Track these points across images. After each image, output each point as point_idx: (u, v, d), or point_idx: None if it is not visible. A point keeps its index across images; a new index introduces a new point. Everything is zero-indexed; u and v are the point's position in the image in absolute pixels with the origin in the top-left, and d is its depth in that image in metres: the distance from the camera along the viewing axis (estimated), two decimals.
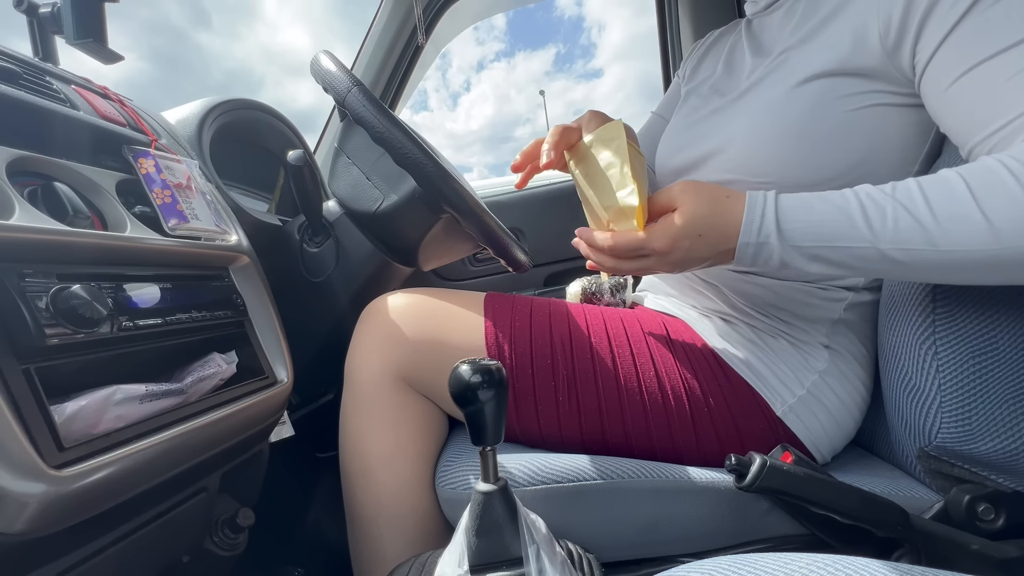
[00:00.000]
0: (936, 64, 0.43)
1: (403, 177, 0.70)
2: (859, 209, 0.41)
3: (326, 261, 0.77)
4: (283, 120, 0.93)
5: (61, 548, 0.37)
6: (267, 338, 0.58)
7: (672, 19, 1.36)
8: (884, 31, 0.46)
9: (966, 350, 0.45)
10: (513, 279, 1.38)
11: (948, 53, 0.42)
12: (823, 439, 0.55)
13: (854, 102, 0.50)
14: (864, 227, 0.40)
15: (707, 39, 0.78)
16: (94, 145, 0.51)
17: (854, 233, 0.41)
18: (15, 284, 0.34)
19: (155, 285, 0.45)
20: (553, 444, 0.57)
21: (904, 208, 0.39)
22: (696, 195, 0.45)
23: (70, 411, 0.36)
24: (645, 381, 0.55)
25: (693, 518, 0.50)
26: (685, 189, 0.46)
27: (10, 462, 0.30)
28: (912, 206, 0.39)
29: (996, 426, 0.45)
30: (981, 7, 0.40)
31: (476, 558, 0.37)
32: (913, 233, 0.39)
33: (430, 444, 0.58)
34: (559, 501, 0.49)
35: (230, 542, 0.55)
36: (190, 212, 0.54)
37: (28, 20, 0.65)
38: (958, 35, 0.41)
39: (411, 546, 0.56)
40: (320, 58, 0.66)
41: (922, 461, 0.51)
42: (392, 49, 1.23)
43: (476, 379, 0.36)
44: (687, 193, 0.45)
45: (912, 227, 0.39)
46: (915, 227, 0.39)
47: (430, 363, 0.57)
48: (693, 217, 0.45)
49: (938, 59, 0.43)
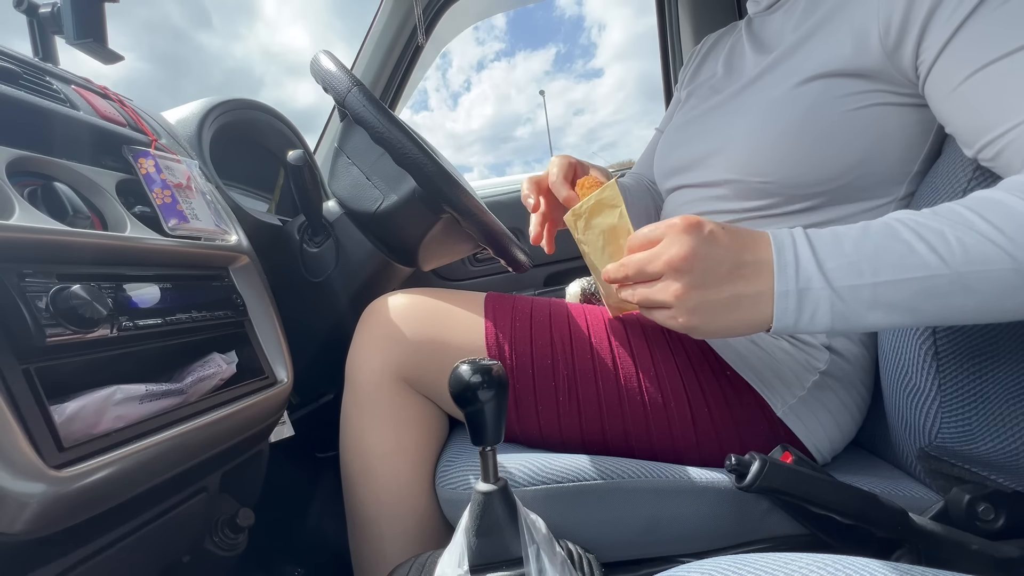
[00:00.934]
0: (942, 65, 0.42)
1: (403, 177, 0.70)
2: (912, 234, 0.35)
3: (326, 261, 0.77)
4: (283, 120, 0.93)
5: (61, 548, 0.37)
6: (267, 338, 0.58)
7: (672, 19, 1.36)
8: (884, 32, 0.46)
9: (966, 350, 0.45)
10: (513, 279, 1.38)
11: (954, 54, 0.41)
12: (823, 439, 0.55)
13: (854, 101, 0.50)
14: (927, 252, 0.34)
15: (706, 42, 0.78)
16: (94, 145, 0.51)
17: (918, 261, 0.34)
18: (15, 284, 0.34)
19: (155, 285, 0.45)
20: (553, 444, 0.57)
21: (964, 227, 0.34)
22: (721, 223, 0.40)
23: (70, 411, 0.36)
24: (645, 381, 0.55)
25: (693, 518, 0.50)
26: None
27: (10, 462, 0.30)
28: (971, 224, 0.34)
29: (996, 426, 0.44)
30: (986, 8, 0.40)
31: (476, 558, 0.37)
32: (986, 250, 0.33)
33: (430, 444, 0.58)
34: (559, 501, 0.49)
35: (230, 542, 0.55)
36: (190, 212, 0.54)
37: (28, 20, 0.65)
38: (964, 36, 0.41)
39: (411, 546, 0.56)
40: (320, 58, 0.66)
41: (922, 461, 0.51)
42: (392, 49, 1.23)
43: (476, 379, 0.36)
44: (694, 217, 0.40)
45: (982, 244, 0.33)
46: (986, 243, 0.33)
47: (430, 363, 0.57)
48: (718, 230, 0.39)
49: (944, 60, 0.42)
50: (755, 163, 0.54)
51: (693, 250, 0.38)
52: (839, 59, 0.49)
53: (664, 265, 0.39)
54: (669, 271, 0.39)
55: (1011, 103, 0.38)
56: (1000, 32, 0.39)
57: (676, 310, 0.39)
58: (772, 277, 0.37)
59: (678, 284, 0.38)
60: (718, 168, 0.58)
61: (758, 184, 0.55)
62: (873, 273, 0.35)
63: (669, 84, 1.42)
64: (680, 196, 0.66)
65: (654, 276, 0.40)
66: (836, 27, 0.51)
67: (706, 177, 0.60)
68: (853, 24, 0.49)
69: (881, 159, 0.51)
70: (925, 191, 0.50)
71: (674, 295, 0.38)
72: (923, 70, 0.45)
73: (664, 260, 0.39)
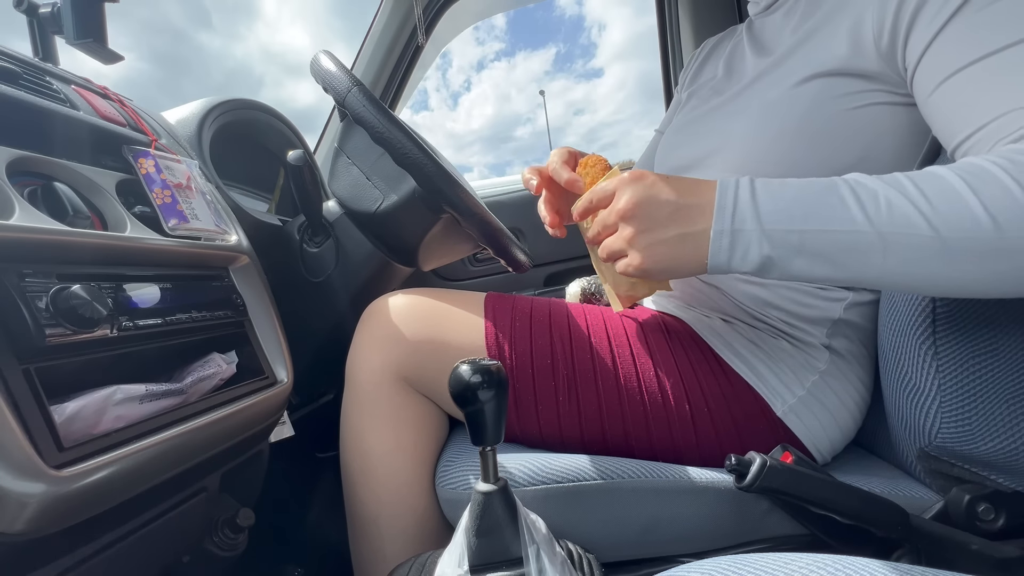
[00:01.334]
0: (923, 68, 0.44)
1: (403, 177, 0.70)
2: (849, 191, 0.37)
3: (326, 261, 0.77)
4: (283, 120, 0.93)
5: (61, 548, 0.37)
6: (267, 338, 0.58)
7: (672, 19, 1.36)
8: (877, 34, 0.47)
9: (966, 350, 0.45)
10: (513, 279, 1.38)
11: (933, 58, 0.42)
12: (823, 439, 0.55)
13: (852, 101, 0.50)
14: (857, 209, 0.37)
15: (706, 45, 0.78)
16: (94, 145, 0.51)
17: (846, 215, 0.37)
18: (15, 284, 0.34)
19: (155, 285, 0.45)
20: (553, 444, 0.57)
21: (898, 192, 0.37)
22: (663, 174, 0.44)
23: (70, 411, 0.36)
24: (645, 381, 0.55)
25: (693, 518, 0.50)
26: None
27: (10, 462, 0.30)
28: (905, 191, 0.36)
29: (996, 426, 0.44)
30: (965, 13, 0.40)
31: (476, 558, 0.37)
32: (911, 217, 0.36)
33: (430, 444, 0.58)
34: (559, 501, 0.49)
35: (230, 542, 0.55)
36: (190, 212, 0.54)
37: (28, 20, 0.65)
38: (942, 40, 0.41)
39: (411, 546, 0.56)
40: (320, 58, 0.66)
41: (922, 461, 0.51)
42: (392, 49, 1.23)
43: (476, 379, 0.36)
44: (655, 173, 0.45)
45: (909, 211, 0.36)
46: (912, 211, 0.36)
47: (430, 363, 0.57)
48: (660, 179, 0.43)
49: (924, 63, 0.43)
50: (754, 163, 0.55)
51: (637, 197, 0.42)
52: (837, 60, 0.50)
53: (616, 215, 0.43)
54: (621, 220, 0.43)
55: (978, 107, 0.39)
56: (975, 37, 0.40)
57: (630, 254, 0.44)
58: (712, 217, 0.40)
59: (629, 229, 0.43)
60: (717, 168, 0.58)
61: None
62: (803, 220, 0.38)
63: (669, 84, 1.42)
64: None
65: (613, 227, 0.45)
66: (834, 28, 0.51)
67: (705, 176, 0.60)
68: (850, 26, 0.49)
69: (880, 158, 0.51)
70: None
71: (626, 240, 0.43)
72: (909, 72, 0.45)
73: (616, 210, 0.43)
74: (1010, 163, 0.35)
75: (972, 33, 0.40)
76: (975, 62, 0.39)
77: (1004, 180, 0.34)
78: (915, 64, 0.44)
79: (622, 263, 0.45)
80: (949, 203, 0.35)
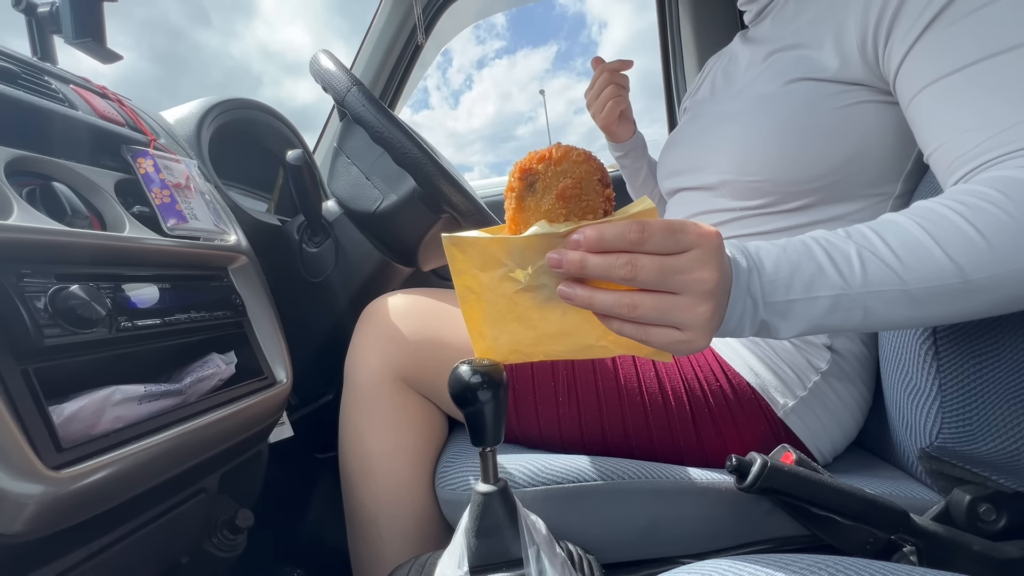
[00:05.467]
0: (899, 80, 0.45)
1: (403, 177, 0.69)
2: (825, 255, 0.37)
3: (325, 261, 0.77)
4: (282, 120, 0.93)
5: (60, 549, 0.37)
6: (266, 338, 0.58)
7: (672, 16, 1.36)
8: (861, 44, 0.48)
9: (966, 350, 0.45)
10: None
11: (906, 71, 0.44)
12: (824, 440, 0.55)
13: (844, 99, 0.51)
14: (834, 273, 0.36)
15: (707, 64, 0.80)
16: (93, 145, 0.51)
17: (825, 281, 0.36)
18: (14, 284, 0.34)
19: (154, 285, 0.45)
20: (553, 445, 0.57)
21: (868, 251, 0.37)
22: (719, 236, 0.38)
23: (69, 412, 0.36)
24: (645, 381, 0.55)
25: (694, 519, 0.50)
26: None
27: (9, 463, 0.30)
28: (875, 249, 0.37)
29: (997, 426, 0.44)
30: (935, 28, 0.42)
31: (476, 559, 0.37)
32: (883, 275, 0.36)
33: (430, 445, 0.58)
34: (559, 502, 0.49)
35: (229, 543, 0.55)
36: (189, 212, 0.54)
37: (27, 20, 0.65)
38: (914, 55, 0.43)
39: (411, 547, 0.55)
40: (319, 57, 0.65)
41: (923, 462, 0.51)
42: (392, 48, 1.23)
43: (476, 379, 0.36)
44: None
45: (881, 269, 0.36)
46: (884, 269, 0.36)
47: (430, 363, 0.57)
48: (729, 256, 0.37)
49: (900, 76, 0.45)
50: (747, 162, 0.55)
51: (723, 272, 0.34)
52: (827, 72, 0.51)
53: (697, 284, 0.33)
54: (701, 291, 0.33)
55: (940, 124, 0.41)
56: (943, 53, 0.41)
57: (694, 332, 0.34)
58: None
59: (707, 307, 0.33)
60: (714, 169, 0.59)
61: (752, 183, 0.55)
62: (786, 291, 0.36)
63: (669, 83, 1.42)
64: (680, 198, 0.67)
65: (675, 290, 0.33)
66: (820, 39, 0.52)
67: (703, 179, 0.61)
68: (835, 36, 0.50)
69: (872, 156, 0.51)
70: (924, 190, 0.50)
71: (701, 317, 0.33)
72: (890, 81, 0.47)
73: (700, 278, 0.33)
74: (965, 207, 0.36)
75: (945, 46, 0.41)
76: (946, 76, 0.41)
77: (963, 227, 0.35)
78: (894, 74, 0.46)
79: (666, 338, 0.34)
80: (916, 257, 0.36)
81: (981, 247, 0.35)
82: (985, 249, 0.35)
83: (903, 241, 0.37)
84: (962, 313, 0.37)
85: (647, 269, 0.32)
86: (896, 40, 0.45)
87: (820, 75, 0.51)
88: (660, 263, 0.33)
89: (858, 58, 0.49)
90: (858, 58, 0.49)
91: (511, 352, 0.39)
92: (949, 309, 0.36)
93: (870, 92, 0.50)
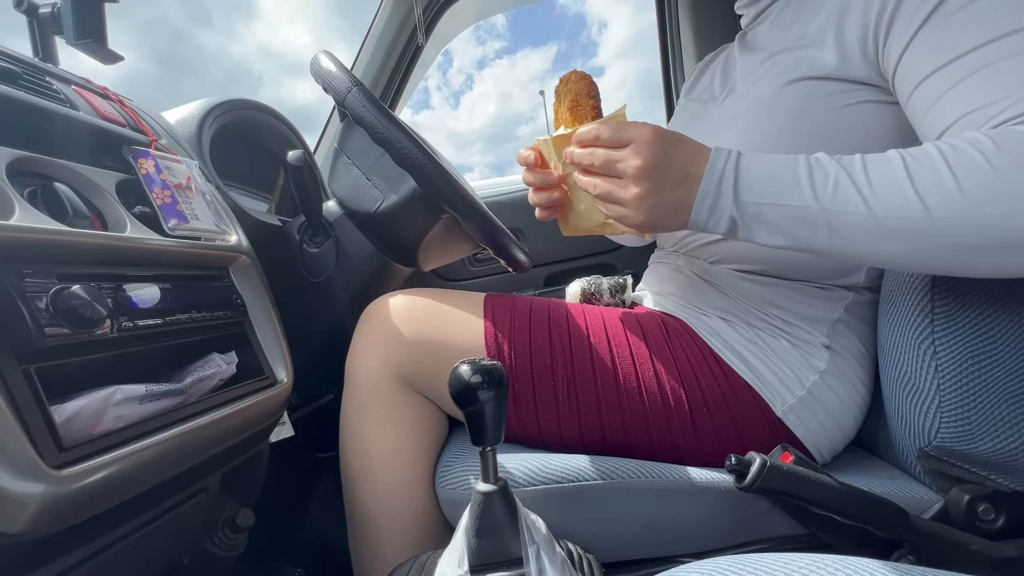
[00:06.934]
0: (899, 74, 0.46)
1: (403, 177, 0.70)
2: (806, 170, 0.42)
3: (326, 261, 0.77)
4: (283, 120, 0.93)
5: (61, 548, 0.37)
6: (267, 338, 0.58)
7: (672, 17, 1.36)
8: (862, 41, 0.48)
9: (965, 350, 0.45)
10: (513, 279, 1.38)
11: (906, 64, 0.45)
12: (823, 439, 0.55)
13: (844, 99, 0.51)
14: (807, 186, 0.41)
15: (704, 60, 0.80)
16: (94, 145, 0.51)
17: (796, 191, 0.41)
18: (15, 284, 0.34)
19: (155, 285, 0.45)
20: (553, 444, 0.57)
21: (846, 173, 0.40)
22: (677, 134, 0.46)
23: (70, 411, 0.36)
24: (645, 381, 0.55)
25: (693, 518, 0.50)
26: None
27: (10, 462, 0.30)
28: (853, 174, 0.40)
29: (995, 426, 0.45)
30: (936, 18, 0.42)
31: (476, 558, 0.37)
32: (851, 197, 0.40)
33: (430, 444, 0.58)
34: (559, 501, 0.49)
35: (230, 543, 0.55)
36: (190, 212, 0.54)
37: (28, 20, 0.65)
38: (915, 46, 0.44)
39: (411, 546, 0.56)
40: (320, 58, 0.66)
41: (922, 461, 0.51)
42: (392, 49, 1.23)
43: (476, 379, 0.36)
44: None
45: (850, 191, 0.40)
46: (853, 191, 0.40)
47: (430, 363, 0.57)
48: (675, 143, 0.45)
49: (900, 70, 0.46)
50: None
51: (654, 160, 0.44)
52: (827, 69, 0.51)
53: (630, 169, 0.44)
54: (632, 175, 0.44)
55: (944, 111, 0.42)
56: (945, 42, 0.42)
57: (631, 210, 0.46)
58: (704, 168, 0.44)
59: (637, 189, 0.44)
60: None
61: None
62: (760, 193, 0.42)
63: (669, 83, 1.42)
64: None
65: (616, 175, 0.46)
66: (820, 37, 0.52)
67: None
68: (835, 34, 0.51)
69: None
70: None
71: (632, 196, 0.45)
72: (890, 77, 0.48)
73: (631, 165, 0.44)
74: (952, 150, 0.38)
75: (942, 38, 0.42)
76: (943, 67, 0.41)
77: (939, 167, 0.37)
78: (893, 69, 0.46)
79: (618, 213, 0.47)
80: (885, 186, 0.39)
81: (950, 188, 0.37)
82: (954, 191, 0.36)
83: (882, 172, 0.40)
84: (936, 258, 0.38)
85: (598, 157, 0.47)
86: (895, 35, 0.45)
87: (820, 73, 0.51)
88: (606, 154, 0.46)
89: (859, 55, 0.49)
90: (859, 55, 0.49)
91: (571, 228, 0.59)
92: (920, 249, 0.38)
93: (870, 92, 0.50)
